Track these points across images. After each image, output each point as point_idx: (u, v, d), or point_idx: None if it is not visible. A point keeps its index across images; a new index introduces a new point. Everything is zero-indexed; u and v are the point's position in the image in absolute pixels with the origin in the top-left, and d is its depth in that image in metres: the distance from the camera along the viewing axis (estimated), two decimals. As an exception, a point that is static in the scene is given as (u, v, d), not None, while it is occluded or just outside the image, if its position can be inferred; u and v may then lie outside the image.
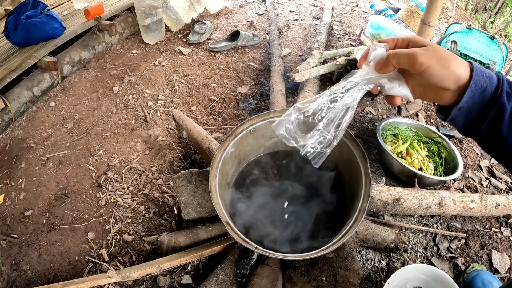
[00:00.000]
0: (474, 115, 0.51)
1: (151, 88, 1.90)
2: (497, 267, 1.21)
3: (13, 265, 1.19)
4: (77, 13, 2.13)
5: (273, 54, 2.13)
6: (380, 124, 1.50)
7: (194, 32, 2.34)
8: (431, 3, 1.63)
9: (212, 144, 1.33)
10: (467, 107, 0.50)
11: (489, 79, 0.49)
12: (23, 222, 1.30)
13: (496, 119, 0.49)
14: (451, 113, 0.52)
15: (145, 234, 1.27)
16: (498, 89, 0.49)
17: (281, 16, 2.82)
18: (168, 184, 1.44)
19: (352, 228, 0.90)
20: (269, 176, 1.21)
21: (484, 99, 0.49)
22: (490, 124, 0.50)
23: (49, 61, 1.77)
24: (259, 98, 1.90)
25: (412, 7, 2.51)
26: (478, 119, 0.51)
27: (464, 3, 3.93)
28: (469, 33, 1.85)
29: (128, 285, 1.11)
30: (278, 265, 1.04)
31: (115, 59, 2.10)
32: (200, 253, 1.08)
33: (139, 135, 1.64)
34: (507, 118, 0.48)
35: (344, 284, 0.99)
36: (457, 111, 0.51)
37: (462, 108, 0.50)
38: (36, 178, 1.44)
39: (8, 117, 1.64)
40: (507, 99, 0.48)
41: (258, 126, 1.14)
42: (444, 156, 1.45)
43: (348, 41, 2.48)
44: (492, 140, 0.51)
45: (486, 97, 0.49)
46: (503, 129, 0.49)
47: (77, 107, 1.77)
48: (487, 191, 1.48)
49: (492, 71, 0.51)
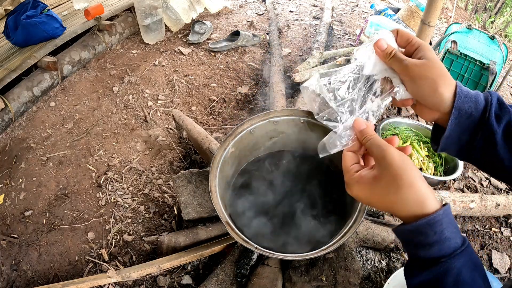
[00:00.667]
0: (465, 140, 0.50)
1: (151, 88, 1.90)
2: (497, 267, 1.21)
3: (13, 265, 1.19)
4: (77, 13, 2.13)
5: (273, 54, 2.13)
6: (380, 124, 1.50)
7: (194, 32, 2.34)
8: (431, 3, 1.63)
9: (212, 144, 1.33)
10: (455, 135, 0.49)
11: (475, 103, 0.48)
12: (23, 222, 1.30)
13: (488, 142, 0.48)
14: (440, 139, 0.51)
15: (145, 234, 1.27)
16: (485, 113, 0.47)
17: (281, 16, 2.82)
18: (168, 184, 1.44)
19: (352, 228, 0.90)
20: (269, 176, 1.21)
21: (471, 124, 0.48)
22: (484, 148, 0.49)
23: (49, 61, 1.77)
24: (259, 98, 1.90)
25: (412, 7, 2.51)
26: (470, 144, 0.50)
27: (464, 3, 3.93)
28: (469, 33, 1.85)
29: (128, 285, 1.11)
30: (278, 265, 1.04)
31: (115, 59, 2.10)
32: (200, 253, 1.08)
33: (139, 135, 1.64)
34: (500, 140, 0.47)
35: (344, 284, 0.99)
36: (446, 140, 0.50)
37: (449, 136, 0.49)
38: (36, 178, 1.44)
39: (8, 117, 1.64)
40: (497, 122, 0.47)
41: (258, 126, 1.14)
42: (444, 156, 1.45)
43: (348, 41, 2.48)
44: (490, 162, 0.50)
45: (473, 122, 0.48)
46: (498, 150, 0.48)
47: (77, 107, 1.77)
48: (487, 191, 1.48)
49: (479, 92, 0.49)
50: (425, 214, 0.42)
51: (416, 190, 0.43)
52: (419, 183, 0.44)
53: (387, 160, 0.45)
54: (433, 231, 0.41)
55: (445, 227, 0.42)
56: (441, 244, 0.41)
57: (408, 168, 0.44)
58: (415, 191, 0.43)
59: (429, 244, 0.42)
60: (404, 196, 0.44)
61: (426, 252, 0.42)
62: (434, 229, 0.41)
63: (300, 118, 1.09)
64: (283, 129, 1.13)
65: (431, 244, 0.42)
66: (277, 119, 1.13)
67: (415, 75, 0.48)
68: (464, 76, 1.78)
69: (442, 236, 0.41)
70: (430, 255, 0.42)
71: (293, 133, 1.11)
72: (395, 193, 0.44)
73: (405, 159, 0.45)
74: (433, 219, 0.41)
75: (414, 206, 0.43)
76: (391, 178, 0.44)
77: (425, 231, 0.42)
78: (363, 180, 0.48)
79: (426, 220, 0.41)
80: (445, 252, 0.41)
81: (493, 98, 0.48)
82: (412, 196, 0.43)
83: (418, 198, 0.43)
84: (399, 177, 0.44)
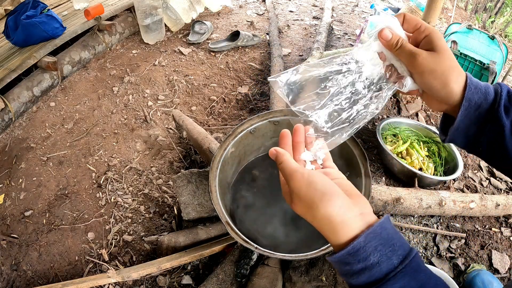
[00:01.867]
0: (474, 132, 0.48)
1: (151, 88, 1.90)
2: (497, 267, 1.21)
3: (13, 265, 1.19)
4: (77, 13, 2.13)
5: (273, 54, 2.13)
6: (380, 124, 1.50)
7: (194, 32, 2.34)
8: (431, 3, 1.63)
9: (212, 144, 1.33)
10: (463, 126, 0.48)
11: (485, 94, 0.46)
12: (23, 222, 1.30)
13: (496, 135, 0.46)
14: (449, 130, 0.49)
15: (145, 234, 1.27)
16: (494, 105, 0.46)
17: (281, 16, 2.82)
18: (168, 184, 1.44)
19: (352, 228, 0.90)
20: (269, 176, 1.21)
21: (480, 116, 0.47)
22: (491, 141, 0.47)
23: (49, 61, 1.77)
24: (259, 98, 1.90)
25: (412, 7, 2.51)
26: (478, 136, 0.48)
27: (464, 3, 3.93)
28: (469, 33, 1.85)
29: (128, 285, 1.11)
30: (278, 265, 1.04)
31: (115, 59, 2.10)
32: (200, 253, 1.08)
33: (139, 135, 1.64)
34: (508, 133, 0.45)
35: (344, 284, 0.99)
36: (454, 131, 0.49)
37: (458, 128, 0.48)
38: (36, 178, 1.44)
39: (8, 117, 1.64)
40: (506, 114, 0.45)
41: (258, 126, 1.14)
42: (444, 156, 1.45)
43: (348, 41, 2.48)
44: (497, 156, 0.49)
45: (481, 114, 0.46)
46: (507, 144, 0.46)
47: (77, 107, 1.77)
48: (487, 191, 1.48)
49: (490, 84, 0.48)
50: (343, 244, 0.38)
51: (329, 220, 0.39)
52: (333, 208, 0.39)
53: (294, 190, 0.42)
54: (356, 260, 0.38)
55: (370, 253, 0.37)
56: (368, 270, 0.37)
57: (317, 195, 0.39)
58: (329, 221, 0.39)
59: (356, 272, 0.38)
60: (320, 227, 0.40)
61: (356, 280, 0.38)
62: (357, 258, 0.37)
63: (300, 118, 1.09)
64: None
65: (358, 272, 0.38)
66: (277, 119, 1.13)
67: (425, 69, 0.45)
68: (464, 76, 1.77)
69: (368, 263, 0.37)
70: (360, 282, 0.38)
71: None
72: (313, 222, 0.41)
73: (311, 182, 0.41)
74: (352, 249, 0.37)
75: (332, 236, 0.39)
76: (304, 207, 0.41)
77: (347, 261, 0.38)
78: (288, 200, 0.45)
79: (345, 251, 0.38)
80: (376, 278, 0.37)
81: (503, 90, 0.46)
82: (327, 227, 0.39)
83: (334, 228, 0.39)
84: (310, 207, 0.40)
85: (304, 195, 0.41)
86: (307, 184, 0.41)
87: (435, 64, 0.45)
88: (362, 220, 0.39)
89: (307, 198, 0.40)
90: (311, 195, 0.40)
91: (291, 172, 0.43)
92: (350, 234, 0.38)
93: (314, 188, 0.40)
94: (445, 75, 0.45)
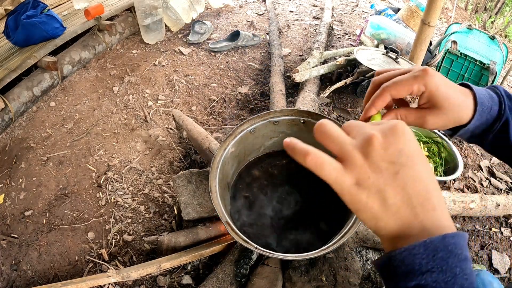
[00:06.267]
0: (482, 129, 0.52)
1: (151, 88, 1.90)
2: (497, 267, 1.21)
3: (13, 265, 1.19)
4: (77, 13, 2.13)
5: (273, 54, 2.13)
6: (380, 124, 1.50)
7: (194, 32, 2.34)
8: (431, 3, 1.63)
9: (212, 144, 1.33)
10: (474, 126, 0.50)
11: (491, 97, 0.49)
12: (23, 222, 1.30)
13: (502, 131, 0.51)
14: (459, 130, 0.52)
15: (145, 234, 1.27)
16: (502, 105, 0.50)
17: (281, 16, 2.82)
18: (168, 184, 1.44)
19: (352, 228, 0.90)
20: (269, 176, 1.21)
21: (491, 117, 0.50)
22: (497, 135, 0.51)
23: (49, 61, 1.77)
24: (259, 98, 1.90)
25: (412, 7, 2.51)
26: (485, 132, 0.52)
27: (464, 3, 3.93)
28: (469, 33, 1.85)
29: (128, 285, 1.11)
30: (278, 265, 1.04)
31: (115, 59, 2.10)
32: (200, 253, 1.08)
33: (139, 135, 1.64)
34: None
35: (344, 284, 0.99)
36: (465, 130, 0.51)
37: (469, 129, 0.51)
38: (36, 178, 1.44)
39: (8, 117, 1.64)
40: (510, 112, 0.50)
41: (258, 126, 1.14)
42: (444, 156, 1.45)
43: (348, 41, 2.48)
44: (499, 147, 0.53)
45: (493, 115, 0.50)
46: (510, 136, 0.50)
47: (77, 107, 1.77)
48: (487, 191, 1.48)
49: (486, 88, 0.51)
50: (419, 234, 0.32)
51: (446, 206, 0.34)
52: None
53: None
54: (425, 256, 0.30)
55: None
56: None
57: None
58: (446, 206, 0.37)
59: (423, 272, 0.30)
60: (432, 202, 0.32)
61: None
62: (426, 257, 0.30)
63: (300, 118, 1.09)
64: (283, 129, 1.13)
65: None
66: (277, 119, 1.13)
67: (439, 126, 0.48)
68: (464, 76, 1.78)
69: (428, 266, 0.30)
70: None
71: (293, 133, 1.11)
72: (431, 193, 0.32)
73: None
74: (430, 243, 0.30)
75: (444, 219, 0.32)
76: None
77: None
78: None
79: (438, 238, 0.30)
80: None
81: (501, 91, 0.51)
82: (442, 206, 0.32)
83: (448, 215, 0.33)
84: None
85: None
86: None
87: (445, 120, 0.47)
88: None
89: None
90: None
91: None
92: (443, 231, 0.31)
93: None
94: (457, 118, 0.48)
